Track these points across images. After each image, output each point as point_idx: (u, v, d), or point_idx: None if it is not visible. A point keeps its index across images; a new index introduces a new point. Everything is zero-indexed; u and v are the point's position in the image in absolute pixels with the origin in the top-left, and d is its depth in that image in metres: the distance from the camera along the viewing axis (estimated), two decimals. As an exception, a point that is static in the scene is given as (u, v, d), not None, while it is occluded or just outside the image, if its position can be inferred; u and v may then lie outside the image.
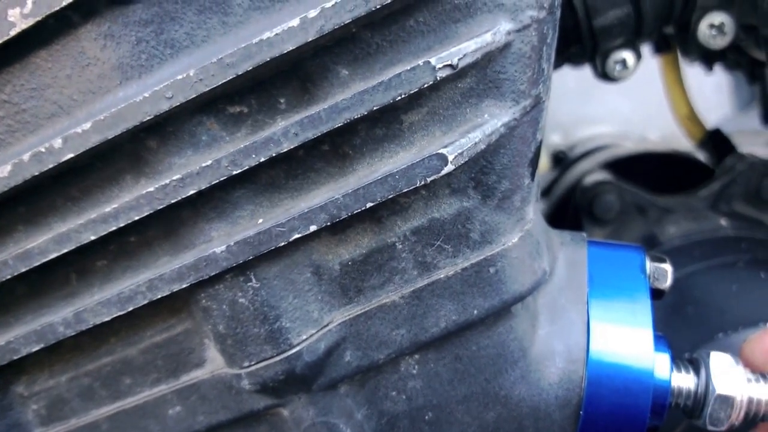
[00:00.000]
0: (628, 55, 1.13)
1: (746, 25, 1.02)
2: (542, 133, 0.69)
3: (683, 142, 1.66)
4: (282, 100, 0.61)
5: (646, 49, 1.20)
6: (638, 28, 1.07)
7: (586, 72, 1.30)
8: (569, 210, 1.48)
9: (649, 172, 1.57)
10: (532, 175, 0.69)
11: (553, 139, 2.23)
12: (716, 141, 1.50)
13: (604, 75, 1.16)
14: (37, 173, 0.60)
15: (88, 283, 0.69)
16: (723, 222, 1.25)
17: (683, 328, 1.01)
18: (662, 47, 1.39)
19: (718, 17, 1.02)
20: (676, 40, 1.20)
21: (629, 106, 2.56)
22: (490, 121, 0.62)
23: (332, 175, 0.64)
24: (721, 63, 1.43)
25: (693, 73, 1.49)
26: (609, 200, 1.32)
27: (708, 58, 1.31)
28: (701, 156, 1.63)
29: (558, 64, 1.17)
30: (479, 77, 0.61)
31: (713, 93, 2.58)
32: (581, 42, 1.09)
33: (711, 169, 1.52)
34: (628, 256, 0.79)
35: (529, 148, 0.67)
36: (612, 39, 1.09)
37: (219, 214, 0.63)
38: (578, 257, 0.78)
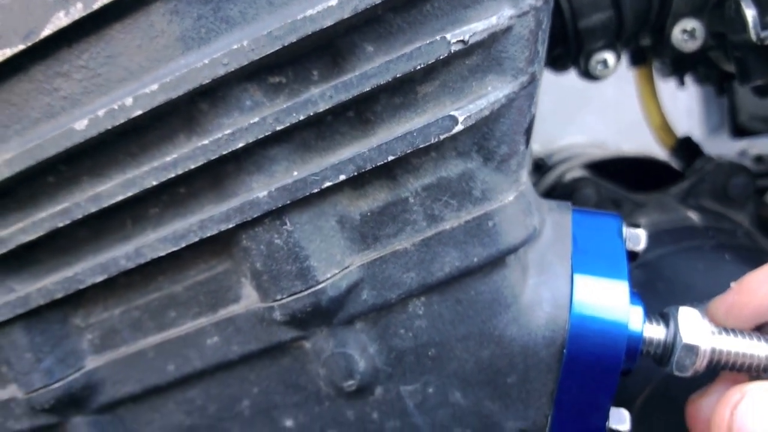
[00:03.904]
0: (609, 56, 1.21)
1: (715, 32, 1.11)
2: (536, 107, 0.77)
3: (657, 153, 1.74)
4: (315, 72, 0.70)
5: (623, 67, 1.29)
6: (618, 30, 1.17)
7: (563, 96, 1.38)
8: (551, 204, 1.54)
9: (623, 173, 1.61)
10: (527, 142, 0.77)
11: (534, 148, 2.30)
12: (687, 147, 1.60)
13: (587, 73, 1.25)
14: (110, 127, 0.68)
15: (142, 227, 0.77)
16: (691, 214, 1.33)
17: (654, 301, 1.04)
18: (638, 60, 1.48)
19: (690, 23, 1.11)
20: (651, 44, 1.29)
21: (605, 128, 2.65)
22: (493, 92, 0.71)
23: (356, 138, 0.73)
24: (692, 75, 1.54)
25: (666, 98, 1.58)
26: (587, 194, 1.39)
27: (680, 66, 1.41)
28: (673, 162, 1.71)
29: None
30: (484, 55, 0.70)
31: (684, 118, 2.69)
32: (567, 43, 1.19)
33: (682, 173, 1.60)
34: (608, 221, 0.86)
35: (524, 118, 0.75)
36: (595, 40, 1.18)
37: (259, 168, 0.71)
38: (563, 221, 0.85)
